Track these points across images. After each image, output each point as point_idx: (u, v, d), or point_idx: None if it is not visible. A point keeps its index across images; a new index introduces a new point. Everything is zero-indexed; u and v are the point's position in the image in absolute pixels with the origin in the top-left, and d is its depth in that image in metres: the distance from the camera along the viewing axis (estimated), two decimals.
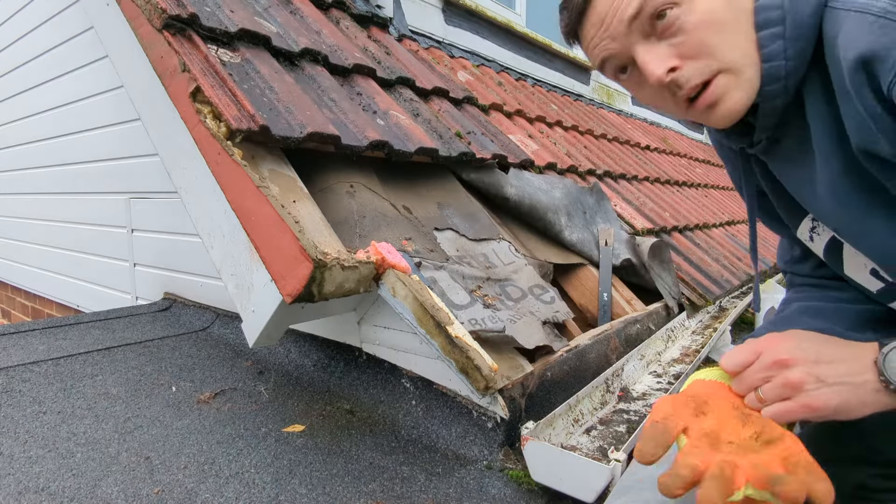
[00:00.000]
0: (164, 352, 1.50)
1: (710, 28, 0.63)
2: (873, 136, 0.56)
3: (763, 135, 0.71)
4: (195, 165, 1.15)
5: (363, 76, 1.68)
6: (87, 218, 2.43)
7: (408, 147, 1.46)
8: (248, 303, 1.06)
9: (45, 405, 1.16)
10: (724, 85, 0.65)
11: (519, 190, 1.77)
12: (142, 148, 1.98)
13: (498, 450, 1.01)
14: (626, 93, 4.78)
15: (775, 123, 0.69)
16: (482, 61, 2.99)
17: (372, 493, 0.90)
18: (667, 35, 0.65)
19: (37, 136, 2.75)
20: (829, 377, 0.61)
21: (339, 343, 1.31)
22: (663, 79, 0.65)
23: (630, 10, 0.64)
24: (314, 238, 1.01)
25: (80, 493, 0.87)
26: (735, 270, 2.49)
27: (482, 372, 0.97)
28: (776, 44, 0.62)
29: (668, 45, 0.65)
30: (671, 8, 0.63)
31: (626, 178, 2.80)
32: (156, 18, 1.23)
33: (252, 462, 0.97)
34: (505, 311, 1.26)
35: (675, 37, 0.64)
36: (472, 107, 2.16)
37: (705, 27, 0.63)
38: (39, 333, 1.62)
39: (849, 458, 0.79)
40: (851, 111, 0.58)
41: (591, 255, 1.81)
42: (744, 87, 0.65)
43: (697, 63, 0.64)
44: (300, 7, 1.80)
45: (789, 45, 0.61)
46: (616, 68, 0.72)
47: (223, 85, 1.18)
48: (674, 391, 1.24)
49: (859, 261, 0.74)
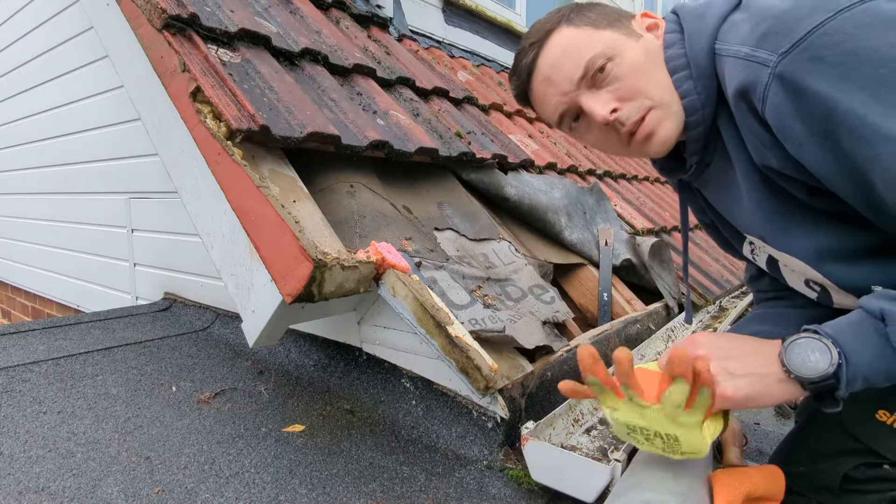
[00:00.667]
0: (164, 352, 1.50)
1: (638, 74, 0.77)
2: (764, 153, 0.69)
3: (693, 159, 0.82)
4: (195, 165, 1.15)
5: (363, 76, 1.68)
6: (87, 218, 2.43)
7: (408, 147, 1.46)
8: (249, 303, 1.06)
9: (45, 405, 1.16)
10: (657, 118, 0.77)
11: (519, 190, 1.77)
12: (142, 148, 1.98)
13: (498, 450, 1.01)
14: None
15: (702, 147, 0.80)
16: (482, 61, 2.99)
17: (372, 493, 0.90)
18: (605, 84, 0.78)
19: (37, 136, 2.75)
20: (737, 370, 0.69)
21: (339, 343, 1.31)
22: (608, 118, 0.78)
23: (578, 72, 0.78)
24: (314, 238, 1.01)
25: (80, 493, 0.87)
26: (735, 270, 2.49)
27: (482, 372, 0.97)
28: (687, 83, 0.75)
29: (607, 91, 0.78)
30: (608, 62, 0.77)
31: (626, 177, 2.80)
32: (156, 18, 1.23)
33: (252, 462, 0.97)
34: (505, 311, 1.26)
35: (612, 84, 0.78)
36: (472, 107, 2.16)
37: (634, 74, 0.77)
38: (39, 333, 1.62)
39: (834, 452, 0.82)
40: (746, 134, 0.71)
41: (591, 255, 1.81)
42: (672, 118, 0.77)
43: (633, 103, 0.77)
44: (300, 7, 1.80)
45: (698, 83, 0.74)
46: (570, 119, 0.84)
47: (223, 85, 1.18)
48: None
49: (795, 274, 0.83)
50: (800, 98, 0.61)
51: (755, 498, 0.78)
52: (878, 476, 0.78)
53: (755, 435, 1.26)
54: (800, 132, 0.62)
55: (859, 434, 0.79)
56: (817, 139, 0.61)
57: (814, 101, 0.60)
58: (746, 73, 0.65)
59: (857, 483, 0.79)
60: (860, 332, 0.64)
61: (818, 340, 0.65)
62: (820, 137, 0.61)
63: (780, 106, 0.62)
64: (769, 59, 0.62)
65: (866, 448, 0.79)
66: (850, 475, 0.79)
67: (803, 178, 0.68)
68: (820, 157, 0.63)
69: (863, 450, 0.79)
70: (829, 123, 0.60)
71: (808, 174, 0.66)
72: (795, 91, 0.61)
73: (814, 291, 0.83)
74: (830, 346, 0.64)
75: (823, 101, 0.59)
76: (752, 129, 0.68)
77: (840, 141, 0.60)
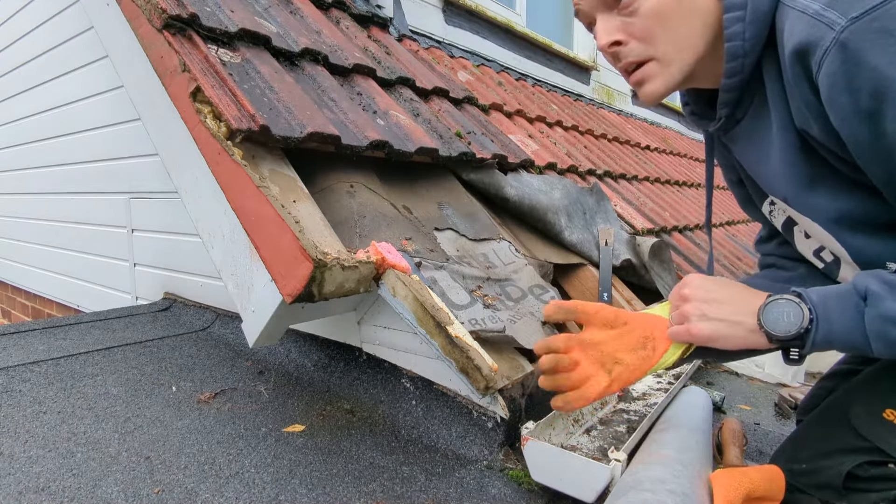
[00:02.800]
0: (164, 352, 1.50)
1: (657, 19, 0.73)
2: (806, 117, 0.67)
3: (723, 111, 0.79)
4: (195, 165, 1.15)
5: (363, 76, 1.68)
6: (87, 218, 2.43)
7: (408, 147, 1.46)
8: (249, 303, 1.06)
9: (45, 405, 1.16)
10: (651, 71, 0.76)
11: (519, 190, 1.77)
12: (142, 148, 1.98)
13: (498, 450, 1.01)
14: (627, 93, 4.78)
15: (736, 100, 0.77)
16: (482, 61, 2.99)
17: (372, 493, 0.90)
18: (624, 12, 0.75)
19: (37, 137, 2.75)
20: (710, 313, 0.75)
21: (340, 343, 1.31)
22: (605, 48, 0.77)
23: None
24: (314, 238, 1.01)
25: (80, 493, 0.87)
26: (735, 270, 2.49)
27: (482, 372, 0.97)
28: (737, 25, 0.70)
29: (622, 20, 0.75)
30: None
31: (626, 177, 2.80)
32: (156, 18, 1.23)
33: (252, 462, 0.97)
34: (505, 311, 1.26)
35: (629, 17, 0.74)
36: (472, 107, 2.16)
37: (653, 17, 0.73)
38: (39, 333, 1.62)
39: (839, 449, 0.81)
40: (792, 94, 0.68)
41: (591, 256, 1.81)
42: (665, 78, 0.76)
43: (639, 45, 0.75)
44: (300, 7, 1.80)
45: (749, 27, 0.70)
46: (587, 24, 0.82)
47: (223, 85, 1.18)
48: (673, 391, 1.24)
49: (808, 241, 0.83)
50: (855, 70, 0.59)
51: (755, 498, 0.78)
52: (883, 475, 0.77)
53: (755, 435, 1.26)
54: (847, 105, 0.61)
55: (866, 432, 0.79)
56: (861, 116, 0.60)
57: (868, 77, 0.58)
58: (809, 32, 0.62)
59: (861, 481, 0.79)
60: (841, 304, 0.67)
61: (798, 305, 0.69)
62: (864, 115, 0.60)
63: (834, 75, 0.60)
64: (837, 21, 0.60)
65: (872, 446, 0.78)
66: (854, 473, 0.79)
67: (838, 151, 0.67)
68: (859, 134, 0.62)
69: (869, 448, 0.79)
70: (878, 103, 0.58)
71: (843, 147, 0.65)
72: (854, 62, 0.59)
73: (822, 262, 0.82)
74: (805, 310, 0.68)
75: (879, 77, 0.57)
76: (801, 92, 0.66)
77: (884, 123, 0.59)
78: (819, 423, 0.88)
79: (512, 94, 2.76)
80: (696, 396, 1.21)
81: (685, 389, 1.27)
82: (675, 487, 0.74)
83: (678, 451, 0.88)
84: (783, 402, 1.43)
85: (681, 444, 0.91)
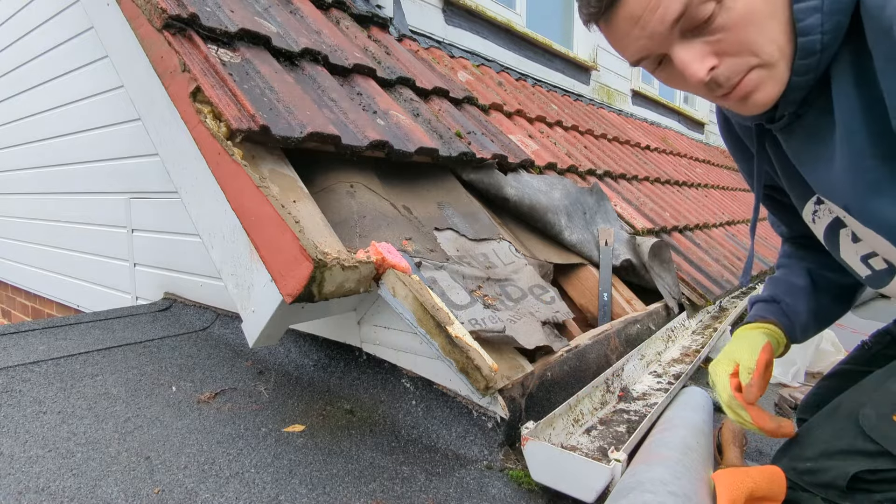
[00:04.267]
0: (164, 352, 1.50)
1: (750, 25, 0.64)
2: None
3: (787, 109, 0.72)
4: (195, 165, 1.15)
5: (363, 76, 1.68)
6: (87, 218, 2.43)
7: (408, 147, 1.46)
8: (249, 303, 1.05)
9: (45, 405, 1.16)
10: (759, 78, 0.66)
11: (519, 190, 1.77)
12: (142, 148, 1.98)
13: (498, 450, 1.01)
14: (627, 93, 4.78)
15: (803, 98, 0.70)
16: (482, 61, 2.99)
17: (372, 493, 0.90)
18: (705, 33, 0.65)
19: (37, 136, 2.75)
20: None
21: (340, 343, 1.31)
22: (704, 79, 0.66)
23: (673, 14, 0.64)
24: (314, 238, 1.01)
25: (80, 493, 0.87)
26: (735, 270, 2.49)
27: (482, 372, 0.97)
28: (813, 17, 0.62)
29: (704, 42, 0.66)
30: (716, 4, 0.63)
31: (626, 177, 2.80)
32: (156, 18, 1.23)
33: (252, 462, 0.97)
34: (505, 311, 1.25)
35: (714, 35, 0.65)
36: (472, 107, 2.16)
37: (745, 25, 0.63)
38: (39, 333, 1.62)
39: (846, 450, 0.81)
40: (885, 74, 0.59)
41: (591, 256, 1.81)
42: (776, 80, 0.67)
43: (736, 60, 0.65)
44: (300, 7, 1.80)
45: (826, 18, 0.62)
46: (652, 63, 0.73)
47: (223, 85, 1.17)
48: (673, 391, 1.24)
49: (856, 246, 0.78)
50: None
51: (757, 498, 0.78)
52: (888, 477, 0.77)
53: (755, 435, 1.26)
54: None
55: (874, 434, 0.78)
56: None
57: None
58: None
59: (866, 483, 0.78)
60: None
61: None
62: None
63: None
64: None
65: (880, 449, 0.78)
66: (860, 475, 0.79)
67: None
68: None
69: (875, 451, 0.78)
70: None
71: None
72: None
73: (869, 269, 0.77)
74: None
75: None
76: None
77: None
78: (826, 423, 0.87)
79: (512, 94, 2.76)
80: (696, 396, 1.21)
81: (685, 389, 1.27)
82: (677, 489, 0.74)
83: (679, 451, 0.88)
84: (783, 401, 1.43)
85: (682, 445, 0.91)
